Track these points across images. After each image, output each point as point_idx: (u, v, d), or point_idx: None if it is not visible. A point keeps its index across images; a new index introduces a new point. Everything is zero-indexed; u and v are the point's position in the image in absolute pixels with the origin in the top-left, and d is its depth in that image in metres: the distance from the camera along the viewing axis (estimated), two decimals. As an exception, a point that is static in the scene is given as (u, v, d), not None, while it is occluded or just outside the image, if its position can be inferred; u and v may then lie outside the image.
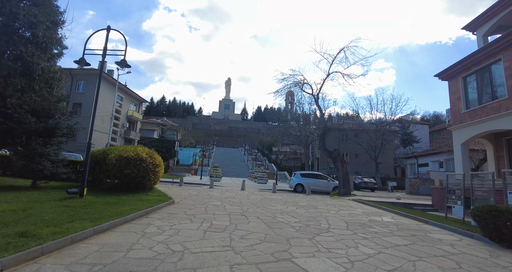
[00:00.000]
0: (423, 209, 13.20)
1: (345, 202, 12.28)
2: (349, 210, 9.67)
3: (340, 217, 7.91)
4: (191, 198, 10.46)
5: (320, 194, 18.95)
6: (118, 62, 8.28)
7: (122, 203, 7.51)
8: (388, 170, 42.21)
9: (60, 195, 7.91)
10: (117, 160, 9.77)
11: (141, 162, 9.88)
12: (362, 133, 36.84)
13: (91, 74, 32.85)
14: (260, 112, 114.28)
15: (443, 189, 12.99)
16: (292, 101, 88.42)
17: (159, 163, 10.61)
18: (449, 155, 25.87)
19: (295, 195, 14.84)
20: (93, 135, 32.52)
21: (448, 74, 14.76)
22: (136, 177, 9.88)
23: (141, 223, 5.81)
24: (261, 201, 10.64)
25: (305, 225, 6.38)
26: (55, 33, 11.08)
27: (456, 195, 8.43)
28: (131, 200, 8.07)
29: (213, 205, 8.87)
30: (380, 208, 10.53)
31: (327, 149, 17.67)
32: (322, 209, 9.47)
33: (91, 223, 5.05)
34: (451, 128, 14.53)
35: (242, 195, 12.86)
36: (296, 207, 9.56)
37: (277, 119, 70.85)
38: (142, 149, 10.51)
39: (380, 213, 9.40)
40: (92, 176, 11.01)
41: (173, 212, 7.21)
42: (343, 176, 16.67)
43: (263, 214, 7.56)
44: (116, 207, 6.78)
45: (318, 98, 18.40)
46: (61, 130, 9.56)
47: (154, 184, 11.04)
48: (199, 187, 16.61)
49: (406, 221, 7.92)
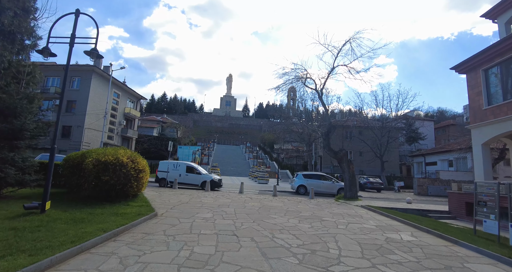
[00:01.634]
0: (439, 216, 11.92)
1: (353, 210, 11.01)
2: (359, 222, 8.40)
3: (351, 235, 6.64)
4: (180, 207, 9.24)
5: (324, 196, 17.72)
6: (87, 51, 7.01)
7: (91, 219, 6.29)
8: (393, 169, 40.83)
9: (20, 209, 6.71)
10: (94, 165, 8.56)
11: (121, 167, 8.66)
12: (366, 130, 35.43)
13: (85, 71, 31.61)
14: (262, 109, 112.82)
15: (462, 195, 11.70)
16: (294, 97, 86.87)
17: (142, 168, 9.39)
18: (459, 154, 24.47)
19: (298, 200, 13.59)
20: (88, 134, 31.50)
21: (466, 67, 13.34)
22: (115, 185, 8.67)
23: (102, 252, 4.58)
24: (259, 211, 9.40)
25: (310, 252, 5.13)
26: (25, 21, 9.81)
27: (488, 207, 7.12)
28: (104, 215, 6.86)
29: (202, 218, 7.64)
30: (394, 219, 9.24)
31: (332, 148, 16.36)
32: (328, 221, 8.21)
33: (29, 258, 3.83)
34: (470, 127, 13.16)
35: (239, 201, 11.63)
36: (298, 219, 8.30)
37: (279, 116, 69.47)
38: (123, 152, 9.29)
39: (396, 226, 8.12)
40: (70, 182, 9.82)
41: (150, 232, 5.98)
42: (349, 179, 15.39)
43: (259, 233, 6.31)
44: (80, 227, 5.56)
45: (322, 93, 17.07)
46: (28, 131, 8.34)
47: (138, 191, 9.83)
48: (194, 191, 15.41)
49: (431, 240, 6.64)
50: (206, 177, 16.93)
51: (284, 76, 17.33)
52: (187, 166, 17.48)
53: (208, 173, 18.73)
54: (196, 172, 17.25)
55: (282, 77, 17.53)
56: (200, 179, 16.86)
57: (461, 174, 25.99)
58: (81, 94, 31.17)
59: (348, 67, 16.93)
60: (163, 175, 16.81)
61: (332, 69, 16.90)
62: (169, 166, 17.14)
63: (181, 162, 17.87)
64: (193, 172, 17.23)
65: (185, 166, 17.41)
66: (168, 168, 16.98)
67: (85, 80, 31.32)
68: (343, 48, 16.76)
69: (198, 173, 17.22)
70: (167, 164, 17.43)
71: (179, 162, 18.02)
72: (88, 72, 31.34)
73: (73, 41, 7.12)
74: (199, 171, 17.46)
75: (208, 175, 17.67)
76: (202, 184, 16.58)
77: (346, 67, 16.95)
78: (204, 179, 16.76)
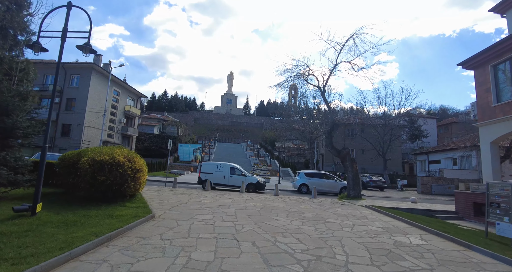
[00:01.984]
0: (446, 216, 11.59)
1: (357, 210, 10.67)
2: (365, 224, 8.07)
3: (357, 239, 6.31)
4: (178, 208, 8.93)
5: (326, 195, 17.41)
6: (80, 46, 6.66)
7: (84, 222, 5.99)
8: (396, 167, 40.45)
9: (10, 211, 6.40)
10: (90, 165, 8.25)
11: (118, 167, 8.34)
12: (369, 128, 35.02)
13: (84, 68, 31.33)
14: (263, 107, 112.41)
15: (470, 195, 11.35)
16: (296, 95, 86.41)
17: (140, 167, 9.06)
18: (464, 152, 24.07)
19: (300, 200, 13.27)
20: (88, 132, 31.23)
21: (474, 63, 12.92)
22: (112, 185, 8.36)
23: (93, 259, 4.27)
24: (260, 212, 9.08)
25: (315, 258, 4.80)
26: (18, 16, 9.46)
27: (501, 209, 6.77)
28: (98, 217, 6.55)
29: (201, 220, 7.33)
30: (401, 220, 8.91)
31: (335, 147, 16.01)
32: (333, 223, 7.88)
33: (11, 268, 3.53)
34: (478, 124, 12.77)
35: (240, 201, 11.32)
36: (301, 221, 7.98)
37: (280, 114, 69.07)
38: (120, 151, 8.97)
39: (403, 228, 7.78)
40: (66, 182, 9.51)
41: (146, 235, 5.67)
42: (352, 178, 15.04)
43: (261, 237, 5.99)
44: (71, 231, 5.26)
45: (325, 90, 16.67)
46: (21, 129, 8.03)
47: (136, 192, 9.52)
48: (194, 189, 15.12)
49: (442, 244, 6.30)
50: (252, 179, 16.36)
51: (286, 73, 16.97)
52: (231, 167, 16.81)
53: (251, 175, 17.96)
54: (241, 174, 16.58)
55: (283, 74, 17.17)
56: (246, 181, 16.14)
57: (465, 172, 25.59)
58: (80, 92, 30.87)
59: (351, 63, 16.55)
60: (207, 176, 16.15)
61: (335, 66, 16.53)
62: (212, 167, 16.55)
63: (224, 164, 17.17)
64: (238, 173, 16.60)
65: (229, 167, 16.72)
66: (212, 169, 16.38)
67: (85, 78, 31.01)
68: (346, 44, 16.38)
69: (243, 175, 16.54)
70: (210, 165, 16.85)
71: (222, 163, 17.31)
72: (87, 70, 31.02)
73: (65, 35, 6.78)
74: (244, 173, 16.79)
75: (253, 176, 17.07)
76: (248, 186, 15.91)
77: (350, 63, 16.57)
78: (250, 181, 16.18)
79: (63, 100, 31.24)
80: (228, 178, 16.29)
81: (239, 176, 16.45)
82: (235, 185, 16.06)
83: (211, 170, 16.44)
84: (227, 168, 16.66)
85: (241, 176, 16.48)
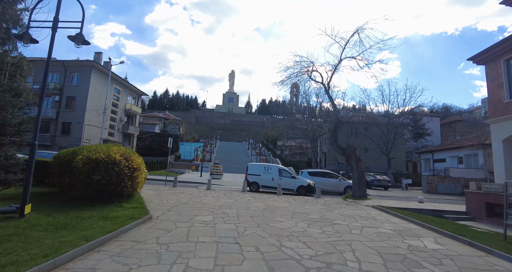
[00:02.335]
0: (456, 217, 11.14)
1: (364, 211, 10.24)
2: (374, 226, 7.64)
3: (368, 243, 5.88)
4: (178, 208, 8.53)
5: (330, 195, 16.99)
6: (71, 36, 6.25)
7: (75, 225, 5.60)
8: (399, 166, 39.91)
9: None
10: (84, 163, 7.87)
11: (114, 165, 7.96)
12: (372, 126, 34.52)
13: (85, 66, 30.99)
14: (265, 105, 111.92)
15: (482, 195, 10.87)
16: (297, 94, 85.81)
17: (137, 166, 8.67)
18: (471, 151, 23.53)
19: (304, 200, 12.85)
20: (89, 130, 30.90)
21: (485, 57, 12.42)
22: (108, 185, 7.98)
23: (81, 267, 3.87)
24: (263, 213, 8.67)
25: (325, 266, 4.38)
26: (10, 8, 9.07)
27: (522, 211, 6.32)
28: (92, 219, 6.16)
29: (201, 222, 6.92)
30: (412, 221, 8.47)
31: (340, 145, 15.56)
32: (340, 225, 7.45)
33: (-15, 279, 3.14)
34: (489, 121, 12.28)
35: (242, 201, 10.91)
36: (307, 222, 7.56)
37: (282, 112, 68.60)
38: (116, 149, 8.58)
39: (415, 231, 7.34)
40: (61, 182, 9.14)
41: (141, 239, 5.27)
42: (358, 177, 14.60)
43: (265, 241, 5.57)
44: (60, 235, 4.87)
45: (329, 87, 16.20)
46: (11, 126, 7.64)
47: (134, 191, 9.13)
48: (195, 189, 14.74)
49: (459, 248, 5.86)
50: (302, 182, 15.78)
51: (289, 70, 16.51)
52: (279, 169, 16.31)
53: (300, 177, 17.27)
54: (291, 176, 16.02)
55: (286, 71, 16.71)
56: (296, 183, 15.63)
57: (472, 171, 25.06)
58: (81, 90, 30.53)
59: (356, 59, 16.07)
60: (254, 178, 15.69)
61: (340, 61, 16.05)
62: (259, 169, 16.02)
63: (272, 165, 16.65)
64: (286, 175, 16.04)
65: (277, 169, 16.20)
66: (259, 171, 15.88)
67: (85, 76, 30.66)
68: (351, 39, 15.89)
69: (293, 177, 15.99)
70: (257, 166, 16.27)
71: (270, 164, 16.71)
72: (87, 68, 30.67)
73: (56, 25, 6.36)
74: (293, 175, 16.25)
75: (303, 179, 16.46)
76: (298, 189, 15.41)
77: (355, 59, 16.09)
78: (300, 183, 15.62)
79: (63, 98, 30.92)
80: (277, 180, 15.64)
81: (288, 178, 15.86)
82: (284, 188, 15.34)
83: (258, 172, 15.85)
84: (275, 169, 16.06)
85: (291, 178, 15.89)
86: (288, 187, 15.55)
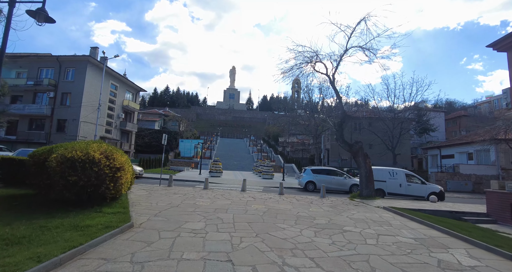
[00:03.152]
0: (476, 219, 10.10)
1: (376, 213, 9.22)
2: (391, 233, 6.63)
3: (389, 257, 4.88)
4: (167, 213, 7.56)
5: (335, 193, 15.99)
6: (31, 11, 5.21)
7: (34, 238, 4.62)
8: (405, 162, 38.77)
9: None
10: (59, 163, 6.89)
11: (92, 165, 6.98)
12: (377, 121, 33.37)
13: (80, 61, 29.96)
14: (266, 101, 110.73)
15: (506, 195, 9.80)
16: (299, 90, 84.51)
17: (120, 165, 7.67)
18: (483, 146, 22.38)
19: (308, 200, 11.86)
20: (85, 127, 29.92)
21: (508, 43, 11.25)
22: (86, 187, 7.01)
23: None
24: (264, 217, 7.68)
25: (341, 296, 3.37)
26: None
27: None
28: (59, 229, 5.20)
29: (189, 230, 5.94)
30: (432, 227, 7.46)
31: (346, 141, 14.52)
32: (352, 233, 6.44)
33: None
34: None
35: (240, 203, 9.93)
36: (314, 230, 6.55)
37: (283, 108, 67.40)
38: (97, 146, 7.59)
39: (439, 239, 6.32)
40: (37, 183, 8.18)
41: (112, 256, 4.29)
42: (365, 175, 13.57)
43: (264, 257, 4.58)
44: (7, 254, 3.90)
45: (335, 79, 15.11)
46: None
47: (118, 194, 8.14)
48: (191, 188, 13.78)
49: (502, 265, 4.83)
50: (433, 188, 14.62)
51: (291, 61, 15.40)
52: (406, 173, 15.12)
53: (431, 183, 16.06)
54: (420, 182, 14.85)
55: (288, 62, 15.61)
56: (427, 190, 14.47)
57: (483, 168, 23.94)
58: (76, 85, 29.54)
59: (363, 48, 14.94)
60: (380, 185, 14.52)
61: (345, 51, 14.91)
62: (384, 174, 14.90)
63: (397, 170, 15.45)
64: (415, 181, 14.88)
65: (403, 174, 15.02)
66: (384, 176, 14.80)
67: (80, 71, 29.67)
68: (357, 27, 14.74)
69: (423, 183, 14.83)
70: (382, 172, 15.05)
71: (395, 169, 15.58)
72: (83, 63, 29.67)
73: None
74: (422, 180, 15.10)
75: (433, 185, 15.34)
76: (428, 196, 14.15)
77: (361, 48, 14.95)
78: (432, 190, 14.44)
79: (58, 94, 29.95)
80: (405, 186, 14.56)
81: (417, 184, 14.72)
82: (413, 195, 14.37)
83: (383, 178, 14.77)
84: (401, 175, 14.89)
85: (421, 184, 14.74)
86: (417, 194, 14.42)
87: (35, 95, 30.69)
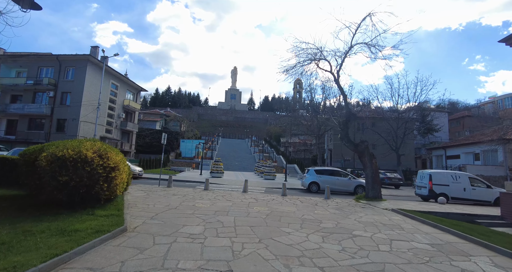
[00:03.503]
0: (490, 222, 9.60)
1: (385, 216, 8.75)
2: (405, 238, 6.15)
3: (406, 266, 4.42)
4: (164, 215, 7.12)
5: (339, 195, 15.51)
6: (15, -3, 4.80)
7: (15, 244, 4.19)
8: (408, 162, 38.20)
9: None
10: (49, 162, 6.46)
11: (84, 164, 6.55)
12: (380, 121, 32.85)
13: (80, 60, 29.62)
14: (267, 102, 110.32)
15: (522, 197, 9.32)
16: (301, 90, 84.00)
17: (115, 165, 7.23)
18: (490, 146, 21.82)
19: (313, 201, 11.39)
20: (85, 127, 29.57)
21: (522, 38, 10.76)
22: (77, 187, 6.58)
23: None
24: (267, 220, 7.22)
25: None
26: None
27: None
28: (44, 234, 4.77)
29: (187, 235, 5.49)
30: (447, 231, 6.98)
31: (352, 141, 14.05)
32: (363, 238, 5.97)
33: None
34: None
35: (241, 204, 9.48)
36: (321, 235, 6.09)
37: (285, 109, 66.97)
38: (90, 145, 7.16)
39: (458, 246, 5.84)
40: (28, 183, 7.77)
41: (100, 265, 3.85)
42: (372, 175, 13.09)
43: (268, 266, 4.12)
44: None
45: (339, 76, 14.64)
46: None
47: (112, 195, 7.71)
48: (191, 189, 13.34)
49: (531, 275, 4.36)
50: (497, 193, 13.71)
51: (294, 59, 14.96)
52: (470, 177, 14.28)
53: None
54: (486, 186, 14.13)
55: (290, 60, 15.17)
56: (494, 194, 13.71)
57: (490, 168, 23.36)
58: (76, 85, 29.22)
59: (368, 45, 14.47)
60: (442, 189, 13.88)
61: (351, 48, 14.46)
62: (447, 178, 14.13)
63: (461, 173, 14.62)
64: (481, 185, 14.14)
65: (467, 177, 14.18)
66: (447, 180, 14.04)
67: (80, 71, 29.35)
68: (362, 23, 14.30)
69: (488, 187, 14.09)
70: (443, 175, 14.33)
71: (458, 172, 14.67)
72: (82, 62, 29.33)
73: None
74: (487, 184, 14.39)
75: (498, 189, 14.24)
76: (496, 201, 13.28)
77: (366, 45, 14.49)
78: (498, 195, 13.32)
79: (58, 94, 29.64)
80: (469, 191, 13.88)
81: (483, 188, 14.00)
82: (478, 200, 13.74)
83: (446, 182, 14.03)
84: (465, 178, 14.11)
85: (486, 188, 14.04)
86: (483, 199, 13.79)
87: (34, 95, 30.40)
